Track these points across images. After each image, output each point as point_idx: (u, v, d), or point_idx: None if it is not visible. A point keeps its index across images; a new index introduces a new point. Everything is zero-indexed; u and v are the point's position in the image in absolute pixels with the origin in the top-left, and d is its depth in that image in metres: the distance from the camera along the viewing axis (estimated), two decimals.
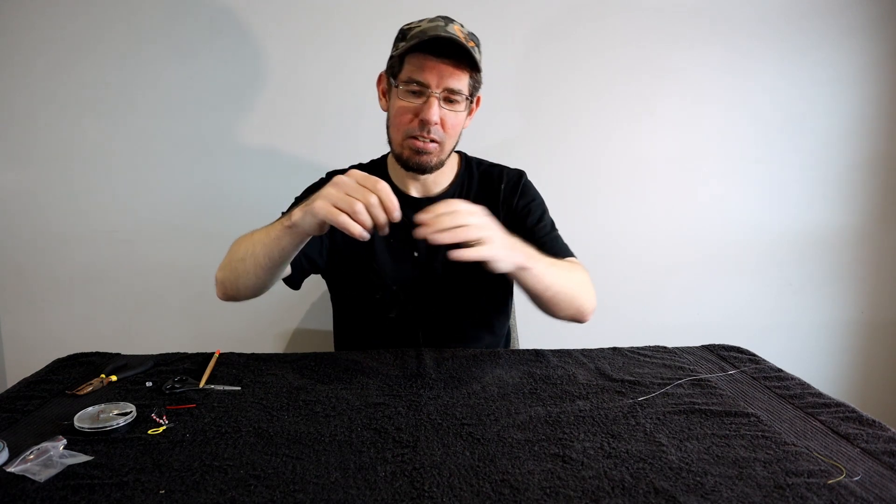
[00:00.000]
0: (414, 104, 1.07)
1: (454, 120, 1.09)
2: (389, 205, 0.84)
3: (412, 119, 1.07)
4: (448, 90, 1.06)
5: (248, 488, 0.64)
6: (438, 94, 1.06)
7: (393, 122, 1.12)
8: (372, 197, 0.83)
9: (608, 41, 1.68)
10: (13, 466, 0.68)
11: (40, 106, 1.63)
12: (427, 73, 1.05)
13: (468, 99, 1.10)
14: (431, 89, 1.05)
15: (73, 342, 1.42)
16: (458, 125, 1.11)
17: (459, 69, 1.05)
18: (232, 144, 1.67)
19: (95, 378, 0.95)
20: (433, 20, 1.07)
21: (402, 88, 1.07)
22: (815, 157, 1.76)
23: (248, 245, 1.01)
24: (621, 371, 0.99)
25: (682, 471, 0.67)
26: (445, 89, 1.06)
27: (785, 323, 1.84)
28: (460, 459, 0.70)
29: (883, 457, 0.70)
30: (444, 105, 1.07)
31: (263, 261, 0.98)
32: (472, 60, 1.04)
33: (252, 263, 0.99)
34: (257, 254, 0.98)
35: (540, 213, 1.21)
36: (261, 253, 0.97)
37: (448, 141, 1.11)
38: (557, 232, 1.22)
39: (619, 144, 1.73)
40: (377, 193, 0.83)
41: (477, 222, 0.85)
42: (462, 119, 1.12)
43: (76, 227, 1.69)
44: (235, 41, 1.62)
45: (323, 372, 0.99)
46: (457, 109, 1.09)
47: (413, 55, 1.05)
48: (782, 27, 1.69)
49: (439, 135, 1.09)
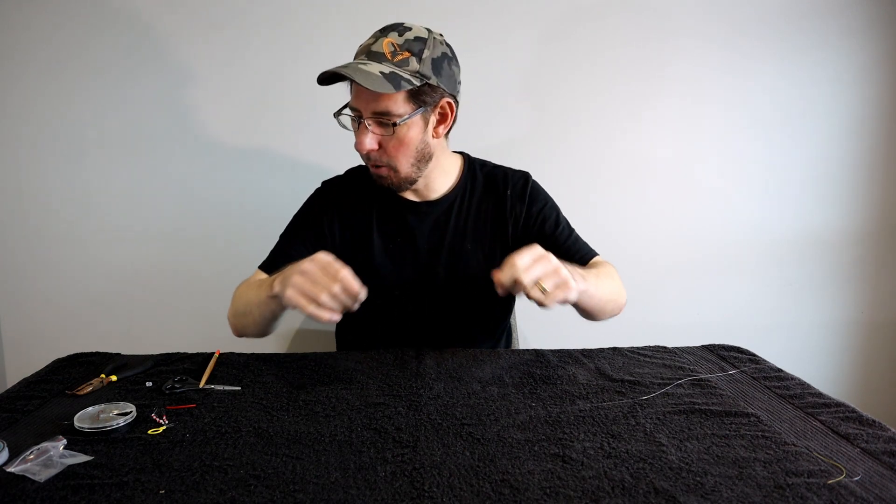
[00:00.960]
0: (354, 131, 1.07)
1: (393, 142, 1.05)
2: (352, 291, 0.88)
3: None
4: (375, 114, 1.03)
5: (248, 488, 0.64)
6: (367, 121, 1.04)
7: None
8: (335, 286, 0.88)
9: (608, 41, 1.67)
10: (13, 466, 0.68)
11: (40, 106, 1.63)
12: (356, 99, 1.04)
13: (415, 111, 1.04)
14: (362, 115, 1.04)
15: (73, 342, 1.42)
16: (402, 145, 1.06)
17: (374, 91, 0.99)
18: (232, 145, 1.67)
19: (95, 378, 0.95)
20: (374, 35, 1.06)
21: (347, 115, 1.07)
22: (815, 157, 1.76)
23: (246, 301, 1.08)
24: (621, 371, 0.99)
25: (682, 471, 0.67)
26: (373, 113, 1.03)
27: (785, 323, 1.84)
28: (460, 459, 0.70)
29: (883, 457, 0.70)
30: (376, 130, 1.05)
31: (259, 319, 1.07)
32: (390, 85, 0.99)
33: (251, 319, 1.08)
34: (253, 312, 1.06)
35: (555, 217, 1.21)
36: (256, 312, 1.06)
37: (399, 161, 1.07)
38: (575, 232, 1.22)
39: (619, 144, 1.73)
40: (339, 282, 0.88)
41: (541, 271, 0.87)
42: (408, 136, 1.05)
43: (76, 227, 1.69)
44: (235, 41, 1.62)
45: (323, 372, 0.99)
46: (388, 132, 1.04)
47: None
48: (782, 27, 1.69)
49: (382, 160, 1.07)
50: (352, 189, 1.22)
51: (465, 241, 1.18)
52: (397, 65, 1.01)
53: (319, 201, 1.23)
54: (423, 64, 1.03)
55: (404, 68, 1.01)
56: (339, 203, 1.21)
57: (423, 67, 1.03)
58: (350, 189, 1.23)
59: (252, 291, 1.07)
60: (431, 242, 1.17)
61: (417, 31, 1.05)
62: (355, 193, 1.21)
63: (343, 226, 1.19)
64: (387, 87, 0.98)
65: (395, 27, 1.05)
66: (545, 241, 1.14)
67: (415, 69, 1.02)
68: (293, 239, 1.19)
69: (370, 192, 1.19)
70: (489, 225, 1.19)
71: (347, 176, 1.26)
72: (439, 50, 1.06)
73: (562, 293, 0.89)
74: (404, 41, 1.03)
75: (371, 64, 1.01)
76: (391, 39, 1.03)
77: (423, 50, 1.03)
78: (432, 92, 1.05)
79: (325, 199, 1.22)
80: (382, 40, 1.03)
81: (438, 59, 1.05)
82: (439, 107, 1.08)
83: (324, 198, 1.23)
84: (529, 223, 1.19)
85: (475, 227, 1.18)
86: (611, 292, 1.08)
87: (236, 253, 1.71)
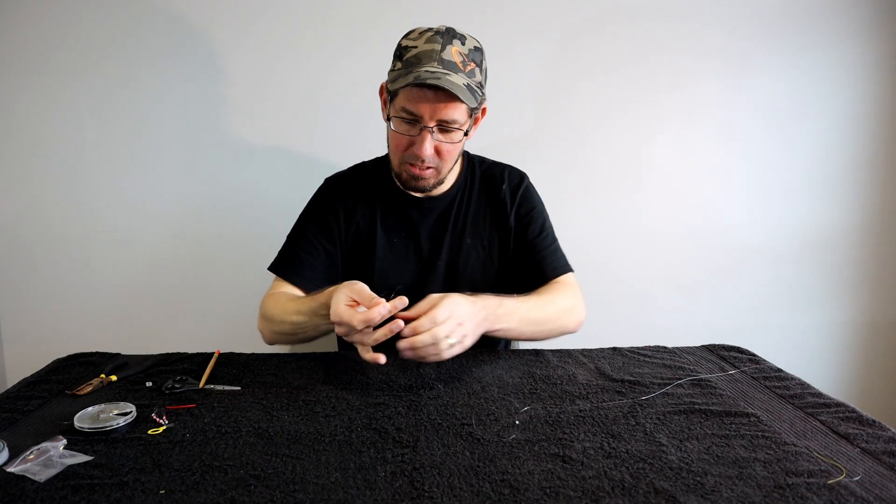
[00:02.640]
0: (408, 135, 1.07)
1: (450, 147, 1.09)
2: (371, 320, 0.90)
3: (407, 147, 1.08)
4: (441, 122, 1.05)
5: (248, 488, 0.64)
6: (431, 127, 1.05)
7: (390, 144, 1.13)
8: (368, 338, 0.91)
9: (608, 42, 1.67)
10: (13, 466, 0.68)
11: (40, 107, 1.63)
12: (420, 106, 1.04)
13: (470, 119, 1.09)
14: (424, 121, 1.05)
15: (73, 342, 1.42)
16: (454, 150, 1.10)
17: (453, 101, 1.02)
18: (232, 144, 1.67)
19: (95, 378, 0.95)
20: (431, 39, 1.03)
21: (396, 117, 1.06)
22: (816, 157, 1.76)
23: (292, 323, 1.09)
24: (621, 371, 0.99)
25: (682, 471, 0.67)
26: (439, 121, 1.05)
27: (785, 323, 1.84)
28: (460, 459, 0.70)
29: (883, 457, 0.70)
30: (438, 135, 1.06)
31: (313, 336, 1.10)
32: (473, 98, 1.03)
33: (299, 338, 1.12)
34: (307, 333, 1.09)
35: (541, 224, 1.22)
36: (312, 333, 1.09)
37: (445, 165, 1.12)
38: (556, 244, 1.23)
39: (620, 145, 1.73)
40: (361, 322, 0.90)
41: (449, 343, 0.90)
42: (459, 142, 1.10)
43: (76, 227, 1.69)
44: (235, 40, 1.62)
45: (323, 372, 0.99)
46: (452, 139, 1.08)
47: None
48: (782, 27, 1.69)
49: (434, 162, 1.10)
50: (356, 185, 1.24)
51: (464, 235, 1.20)
52: (468, 75, 1.04)
53: (325, 197, 1.24)
54: (484, 75, 1.09)
55: (473, 79, 1.05)
56: (345, 198, 1.22)
57: (483, 79, 1.08)
58: (355, 185, 1.24)
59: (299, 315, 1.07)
60: (433, 237, 1.20)
61: (472, 42, 1.08)
62: (360, 189, 1.23)
63: (348, 221, 1.21)
64: (471, 99, 1.02)
65: (452, 34, 1.05)
66: (524, 245, 1.20)
67: (479, 80, 1.07)
68: (301, 238, 1.21)
69: (374, 188, 1.21)
70: (487, 220, 1.21)
71: (351, 172, 1.27)
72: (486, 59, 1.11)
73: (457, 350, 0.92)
74: (469, 51, 1.06)
75: (454, 75, 1.01)
76: (458, 48, 1.04)
77: (482, 61, 1.08)
78: (482, 101, 1.10)
79: (331, 194, 1.23)
80: (451, 48, 1.03)
81: (487, 68, 1.11)
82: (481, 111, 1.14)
83: (329, 193, 1.24)
84: (516, 222, 1.21)
85: (474, 221, 1.21)
86: (548, 321, 1.10)
87: (237, 253, 1.71)
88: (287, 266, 1.19)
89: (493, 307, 1.00)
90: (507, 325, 1.02)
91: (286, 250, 1.21)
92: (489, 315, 0.99)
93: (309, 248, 1.19)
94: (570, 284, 1.18)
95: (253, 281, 1.66)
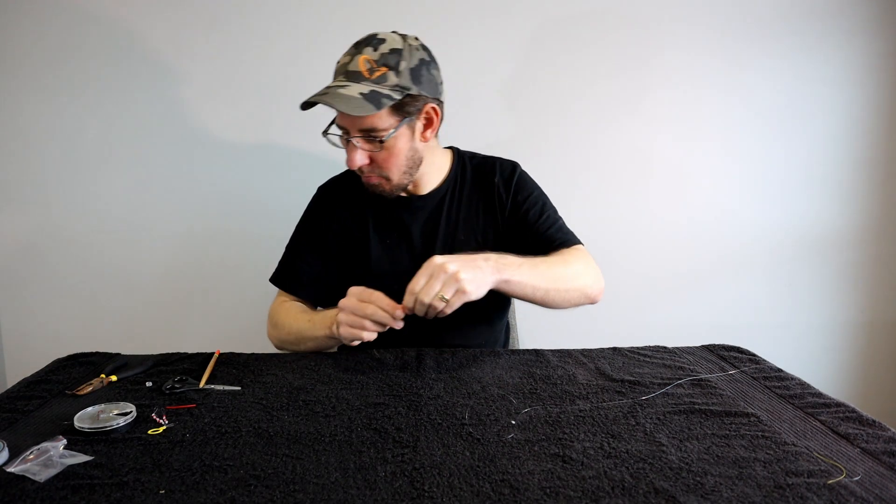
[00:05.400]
0: (343, 147, 1.10)
1: (383, 154, 1.07)
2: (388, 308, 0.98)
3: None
4: (362, 131, 1.05)
5: (248, 488, 0.64)
6: (356, 139, 1.06)
7: None
8: (369, 308, 0.98)
9: (607, 42, 1.67)
10: (13, 466, 0.68)
11: (40, 106, 1.63)
12: (341, 119, 1.06)
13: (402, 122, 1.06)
14: (350, 134, 1.06)
15: (73, 342, 1.42)
16: (392, 157, 1.08)
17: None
18: (232, 144, 1.67)
19: (95, 378, 0.95)
20: (349, 52, 1.06)
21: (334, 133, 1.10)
22: (816, 157, 1.76)
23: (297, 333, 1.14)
24: (621, 371, 0.99)
25: (682, 471, 0.67)
26: (360, 131, 1.05)
27: (785, 323, 1.84)
28: (460, 459, 0.70)
29: (883, 457, 0.70)
30: (365, 146, 1.07)
31: (316, 347, 1.13)
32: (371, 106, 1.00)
33: (305, 347, 1.14)
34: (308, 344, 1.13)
35: (540, 207, 1.21)
36: (312, 344, 1.13)
37: (391, 171, 1.10)
38: (561, 221, 1.22)
39: (620, 145, 1.73)
40: (373, 303, 0.98)
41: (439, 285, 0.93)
42: (397, 148, 1.07)
43: (76, 227, 1.69)
44: (235, 39, 1.62)
45: (323, 372, 0.99)
46: (379, 147, 1.06)
47: None
48: (782, 27, 1.69)
49: (374, 172, 1.10)
50: (348, 189, 1.25)
51: (457, 231, 1.20)
52: (376, 81, 1.01)
53: (318, 205, 1.26)
54: (402, 76, 1.03)
55: (383, 84, 1.02)
56: (337, 204, 1.24)
57: (402, 80, 1.03)
58: (346, 189, 1.25)
59: (302, 325, 1.13)
60: (425, 236, 1.20)
61: (392, 43, 1.05)
62: (351, 194, 1.24)
63: (342, 226, 1.23)
64: (368, 108, 0.99)
65: (368, 41, 1.05)
66: (528, 231, 1.19)
67: (394, 83, 1.03)
68: (299, 248, 1.24)
69: (365, 191, 1.22)
70: (480, 214, 1.21)
71: (343, 177, 1.29)
72: (416, 58, 1.06)
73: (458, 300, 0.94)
74: (380, 56, 1.03)
75: (350, 85, 1.01)
76: (367, 56, 1.03)
77: (399, 62, 1.03)
78: (415, 101, 1.06)
79: (324, 202, 1.26)
80: (358, 58, 1.03)
81: (416, 67, 1.05)
82: (424, 113, 1.09)
83: (322, 201, 1.26)
84: (515, 212, 1.20)
85: (467, 216, 1.21)
86: (564, 281, 1.07)
87: (237, 253, 1.72)
88: (287, 278, 1.24)
89: (495, 256, 1.00)
90: (518, 276, 1.00)
91: (285, 261, 1.25)
92: (491, 261, 0.99)
93: (306, 257, 1.23)
94: (582, 252, 1.16)
95: (253, 281, 1.66)
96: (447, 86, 1.15)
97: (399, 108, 1.04)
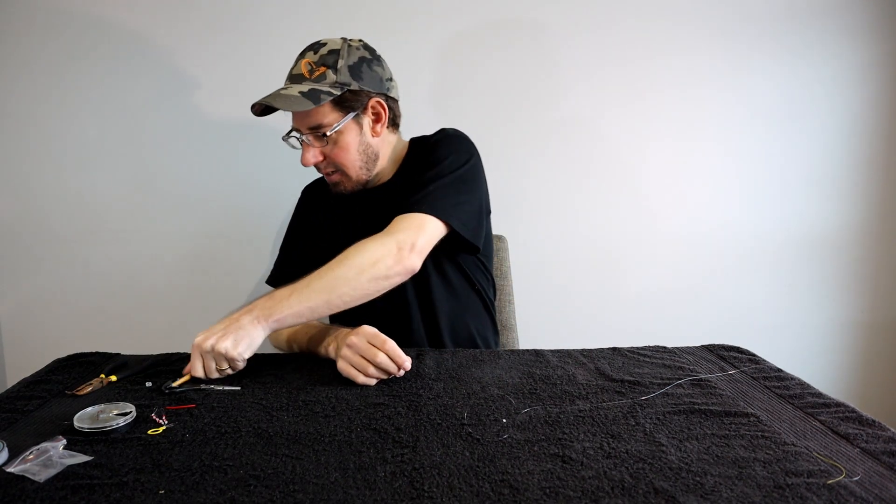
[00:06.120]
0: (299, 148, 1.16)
1: (334, 150, 1.14)
2: (398, 359, 0.93)
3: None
4: (310, 129, 1.13)
5: (248, 488, 0.64)
6: (306, 136, 1.13)
7: None
8: (379, 357, 0.93)
9: (608, 44, 1.67)
10: (13, 466, 0.68)
11: (39, 105, 1.63)
12: (293, 121, 1.15)
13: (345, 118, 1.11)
14: (301, 133, 1.13)
15: (73, 342, 1.42)
16: (342, 150, 1.14)
17: (299, 111, 1.08)
18: (233, 145, 1.67)
19: (95, 378, 0.95)
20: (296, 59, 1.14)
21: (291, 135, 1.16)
22: (816, 157, 1.76)
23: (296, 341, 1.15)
24: (621, 371, 0.99)
25: (682, 471, 0.67)
26: (308, 129, 1.13)
27: (785, 323, 1.84)
28: (460, 459, 0.70)
29: (883, 457, 0.70)
30: (315, 143, 1.13)
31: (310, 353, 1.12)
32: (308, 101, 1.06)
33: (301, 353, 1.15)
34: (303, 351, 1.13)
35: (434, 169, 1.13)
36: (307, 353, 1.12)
37: (346, 165, 1.16)
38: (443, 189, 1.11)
39: (620, 145, 1.73)
40: (386, 353, 0.93)
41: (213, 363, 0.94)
42: (345, 142, 1.13)
43: (76, 227, 1.69)
44: (234, 39, 1.62)
45: (323, 372, 0.99)
46: (327, 143, 1.13)
47: None
48: (782, 27, 1.69)
49: (330, 168, 1.16)
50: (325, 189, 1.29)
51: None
52: (315, 80, 1.09)
53: (304, 206, 1.33)
54: (340, 73, 1.10)
55: (322, 83, 1.09)
56: (317, 205, 1.30)
57: (340, 77, 1.10)
58: (323, 189, 1.30)
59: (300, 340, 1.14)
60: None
61: (331, 45, 1.13)
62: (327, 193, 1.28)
63: (322, 225, 1.27)
64: (306, 104, 1.06)
65: (311, 47, 1.14)
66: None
67: (333, 80, 1.10)
68: (292, 249, 1.29)
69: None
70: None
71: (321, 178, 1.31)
72: (355, 56, 1.12)
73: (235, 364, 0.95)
74: (319, 57, 1.11)
75: (291, 87, 1.09)
76: (308, 59, 1.12)
77: (337, 61, 1.11)
78: (357, 97, 1.12)
79: (309, 201, 1.32)
80: (300, 62, 1.12)
81: (355, 64, 1.12)
82: (370, 108, 1.15)
83: (307, 201, 1.33)
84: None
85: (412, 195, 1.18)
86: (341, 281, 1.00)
87: (237, 253, 1.72)
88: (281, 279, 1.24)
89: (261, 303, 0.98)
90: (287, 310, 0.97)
91: (279, 263, 1.30)
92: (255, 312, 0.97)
93: (297, 258, 1.27)
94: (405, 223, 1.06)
95: (253, 281, 1.66)
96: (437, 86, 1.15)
97: (341, 104, 1.11)
